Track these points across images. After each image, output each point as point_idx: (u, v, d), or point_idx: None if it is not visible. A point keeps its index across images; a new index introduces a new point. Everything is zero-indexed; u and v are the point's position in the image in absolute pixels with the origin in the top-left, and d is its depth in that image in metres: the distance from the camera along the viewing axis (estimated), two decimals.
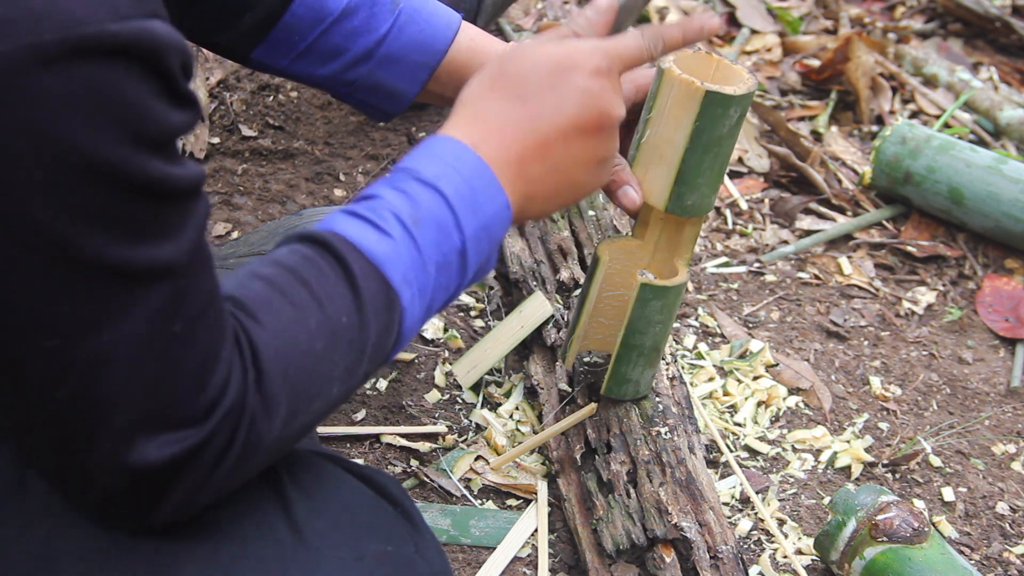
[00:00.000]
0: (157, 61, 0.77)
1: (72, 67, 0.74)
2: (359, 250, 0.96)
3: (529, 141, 1.07)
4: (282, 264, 0.95)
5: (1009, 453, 1.67)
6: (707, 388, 1.69)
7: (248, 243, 1.65)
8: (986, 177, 1.96)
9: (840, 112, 2.33)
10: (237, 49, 1.35)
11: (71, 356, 0.79)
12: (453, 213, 1.01)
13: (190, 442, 0.84)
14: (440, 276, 1.01)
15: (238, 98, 2.05)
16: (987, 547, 1.53)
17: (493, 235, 1.05)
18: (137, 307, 0.80)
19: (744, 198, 2.08)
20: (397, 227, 0.99)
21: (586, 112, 1.09)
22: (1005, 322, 1.88)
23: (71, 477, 0.85)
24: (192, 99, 0.81)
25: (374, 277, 0.96)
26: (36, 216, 0.75)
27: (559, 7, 2.42)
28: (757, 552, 1.49)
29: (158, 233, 0.80)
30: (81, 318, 0.79)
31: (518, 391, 1.63)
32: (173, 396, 0.83)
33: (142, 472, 0.83)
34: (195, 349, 0.84)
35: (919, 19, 2.64)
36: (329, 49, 1.34)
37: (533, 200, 1.09)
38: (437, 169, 1.02)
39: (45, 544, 0.90)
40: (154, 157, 0.78)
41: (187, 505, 0.87)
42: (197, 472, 0.86)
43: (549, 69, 1.08)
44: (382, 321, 0.97)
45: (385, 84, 1.36)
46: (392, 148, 2.02)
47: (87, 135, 0.75)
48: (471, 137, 1.05)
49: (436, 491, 1.51)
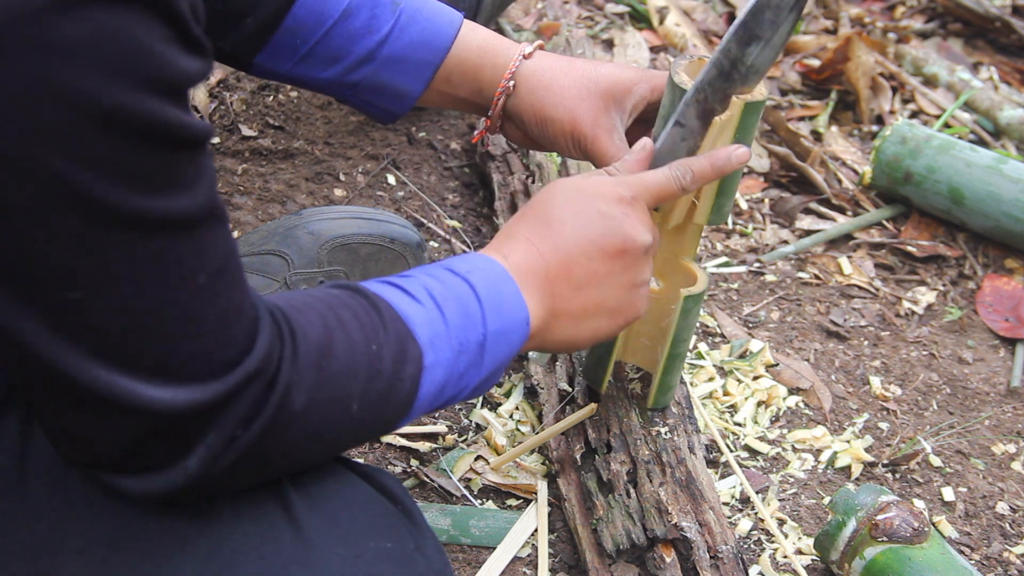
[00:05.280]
0: (169, 6, 0.77)
1: (85, 13, 0.73)
2: (390, 305, 1.00)
3: (552, 259, 1.12)
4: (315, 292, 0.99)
5: (1009, 453, 1.67)
6: (707, 388, 1.69)
7: (248, 243, 1.65)
8: (986, 177, 1.96)
9: (840, 112, 2.33)
10: (239, 55, 1.35)
11: (94, 307, 0.80)
12: (480, 305, 1.05)
13: (213, 393, 0.85)
14: (460, 359, 1.04)
15: (238, 98, 2.05)
16: (987, 547, 1.53)
17: (510, 343, 1.08)
18: (157, 259, 0.81)
19: (744, 198, 2.08)
20: (428, 298, 1.02)
21: (608, 235, 1.14)
22: (1005, 322, 1.88)
23: (92, 434, 0.85)
24: (204, 45, 0.81)
25: (403, 329, 0.99)
26: (54, 166, 0.75)
27: (559, 7, 2.42)
28: (757, 552, 1.49)
29: (175, 184, 0.81)
30: (102, 270, 0.79)
31: (518, 391, 1.63)
32: (198, 348, 0.84)
33: (165, 419, 0.84)
34: (218, 302, 0.85)
35: (919, 19, 2.64)
36: (331, 52, 1.34)
37: (559, 318, 1.14)
38: (468, 266, 1.08)
39: (46, 537, 0.90)
40: (169, 103, 0.78)
41: (209, 465, 0.87)
42: (222, 428, 0.86)
43: (574, 196, 1.15)
44: (406, 370, 0.99)
45: (389, 84, 1.36)
46: (392, 148, 2.02)
47: (102, 82, 0.75)
48: (498, 252, 1.12)
49: (436, 491, 1.51)
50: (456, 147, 2.06)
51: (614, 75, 1.36)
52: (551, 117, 1.35)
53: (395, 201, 1.94)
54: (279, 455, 0.92)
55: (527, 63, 1.37)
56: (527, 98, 1.36)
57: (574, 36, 2.18)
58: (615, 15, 2.49)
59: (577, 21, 2.42)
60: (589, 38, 2.25)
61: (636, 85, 1.35)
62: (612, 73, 1.36)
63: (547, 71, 1.36)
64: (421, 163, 2.01)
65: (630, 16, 2.51)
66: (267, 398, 0.88)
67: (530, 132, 1.39)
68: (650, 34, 2.45)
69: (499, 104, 1.37)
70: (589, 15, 2.48)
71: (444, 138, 2.08)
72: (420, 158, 2.02)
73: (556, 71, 1.36)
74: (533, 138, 1.40)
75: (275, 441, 0.90)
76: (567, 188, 1.16)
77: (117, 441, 0.85)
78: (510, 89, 1.36)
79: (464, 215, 1.94)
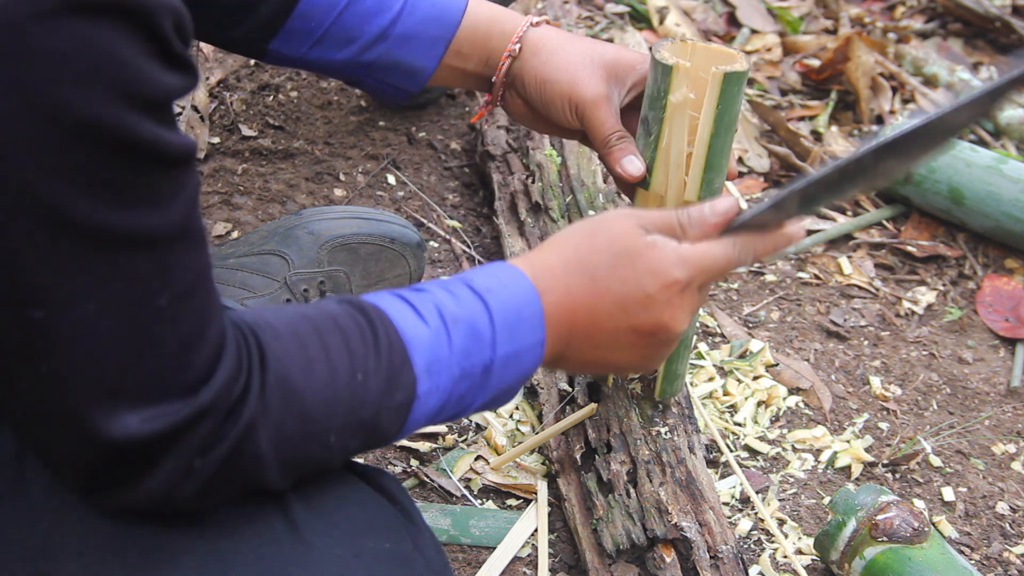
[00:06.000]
0: (150, 21, 0.76)
1: (64, 22, 0.73)
2: (393, 324, 0.97)
3: (582, 315, 1.08)
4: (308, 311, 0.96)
5: (1009, 453, 1.67)
6: (707, 388, 1.69)
7: (248, 243, 1.65)
8: (986, 177, 1.96)
9: (840, 112, 2.32)
10: (254, 42, 1.35)
11: (56, 326, 0.79)
12: (492, 328, 1.03)
13: (172, 419, 0.83)
14: (460, 384, 1.02)
15: (238, 98, 2.05)
16: (987, 547, 1.53)
17: (522, 367, 1.06)
18: (122, 276, 0.80)
19: (744, 198, 2.08)
20: (436, 319, 1.00)
21: (643, 315, 1.10)
22: (1005, 322, 1.88)
23: (56, 450, 0.85)
24: (187, 62, 0.80)
25: (399, 354, 0.97)
26: (24, 176, 0.75)
27: (559, 7, 2.42)
28: (757, 552, 1.49)
29: (146, 200, 0.79)
30: (66, 287, 0.78)
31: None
32: (156, 371, 0.83)
33: (124, 444, 0.83)
34: (179, 326, 0.83)
35: (919, 19, 2.64)
36: (345, 33, 1.35)
37: (564, 360, 1.12)
38: (490, 283, 1.04)
39: (44, 539, 0.90)
40: (145, 118, 0.77)
41: (171, 488, 0.86)
42: (182, 454, 0.85)
43: (627, 262, 1.09)
44: (393, 399, 0.97)
45: (403, 62, 1.37)
46: (392, 148, 2.02)
47: (78, 93, 0.74)
48: (536, 277, 1.07)
49: (436, 491, 1.51)
50: (456, 147, 2.06)
51: (618, 51, 1.38)
52: (552, 79, 1.36)
53: (395, 201, 1.94)
54: (250, 481, 0.91)
55: (534, 30, 1.39)
56: (531, 60, 1.38)
57: None
58: (615, 15, 2.49)
59: (577, 21, 2.42)
60: (589, 38, 2.25)
61: (639, 64, 1.38)
62: (615, 49, 1.38)
63: (553, 39, 1.39)
64: (421, 163, 2.01)
65: (630, 16, 2.51)
66: (225, 430, 0.86)
67: (529, 96, 1.39)
68: (650, 34, 2.45)
69: (504, 68, 1.38)
70: (589, 15, 2.48)
71: (444, 138, 2.08)
72: (420, 158, 2.02)
73: (562, 39, 1.39)
74: (532, 104, 1.41)
75: (241, 471, 0.89)
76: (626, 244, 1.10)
77: (78, 461, 0.84)
78: (516, 52, 1.38)
79: (464, 215, 1.94)
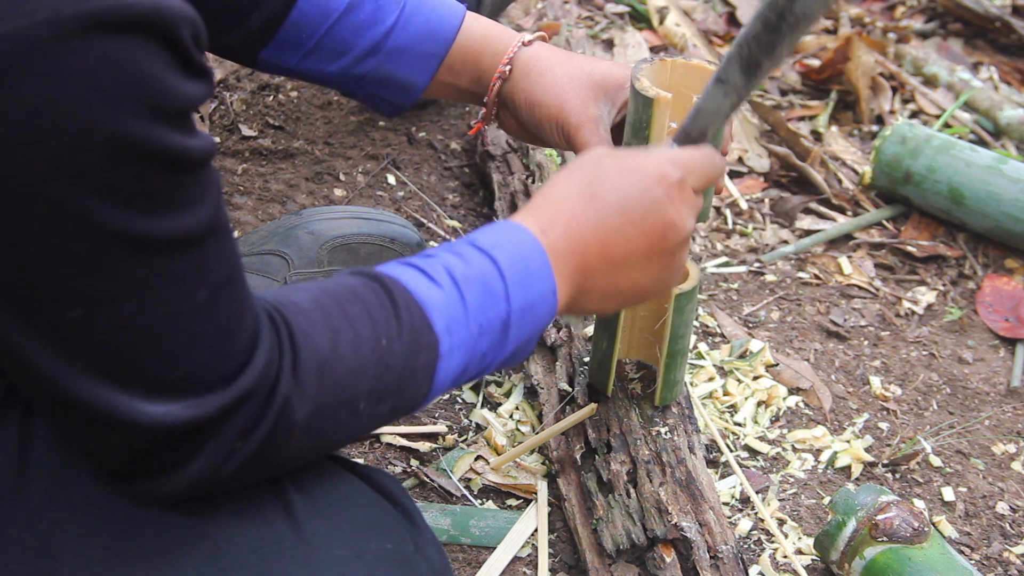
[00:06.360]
0: (171, 33, 0.78)
1: (90, 41, 0.74)
2: (407, 290, 0.98)
3: (591, 239, 1.09)
4: (327, 284, 0.97)
5: (1009, 453, 1.67)
6: (707, 388, 1.69)
7: (248, 243, 1.65)
8: (986, 177, 1.96)
9: (840, 112, 2.33)
10: (245, 50, 1.35)
11: (93, 324, 0.80)
12: (504, 282, 1.03)
13: (216, 405, 0.85)
14: (481, 341, 1.02)
15: (238, 98, 2.05)
16: (987, 547, 1.53)
17: (537, 318, 1.06)
18: (159, 278, 0.81)
19: (744, 198, 2.08)
20: (447, 280, 1.01)
21: (650, 217, 1.10)
22: (1005, 322, 1.88)
23: (93, 440, 0.86)
24: (205, 69, 0.82)
25: (419, 317, 0.98)
26: (58, 191, 0.76)
27: (559, 7, 2.42)
28: (757, 552, 1.49)
29: (178, 204, 0.81)
30: (103, 290, 0.80)
31: (518, 391, 1.63)
32: (196, 363, 0.84)
33: (168, 433, 0.84)
34: (218, 317, 0.85)
35: (919, 19, 2.64)
36: (337, 45, 1.35)
37: (589, 294, 1.12)
38: (494, 240, 1.05)
39: (45, 539, 0.90)
40: (172, 129, 0.79)
41: (214, 472, 0.88)
42: (225, 438, 0.86)
43: (620, 172, 1.11)
44: (418, 361, 0.98)
45: (395, 76, 1.37)
46: (392, 148, 2.02)
47: (107, 109, 0.75)
48: (537, 223, 1.08)
49: (436, 491, 1.51)
50: (456, 147, 2.06)
51: (608, 69, 1.37)
52: (540, 101, 1.36)
53: (395, 201, 1.94)
54: (285, 458, 0.92)
55: (525, 50, 1.38)
56: (521, 82, 1.37)
57: (574, 36, 2.18)
58: (615, 15, 2.49)
59: (577, 21, 2.42)
60: (589, 38, 2.25)
61: (628, 80, 1.36)
62: (607, 67, 1.37)
63: (543, 59, 1.38)
64: (421, 163, 2.01)
65: (630, 16, 2.51)
66: (265, 411, 0.88)
67: (521, 117, 1.40)
68: (650, 34, 2.45)
69: (495, 89, 1.38)
70: (589, 15, 2.48)
71: (444, 138, 2.08)
72: (420, 158, 2.02)
73: (552, 60, 1.38)
74: (523, 124, 1.41)
75: (278, 448, 0.90)
76: (613, 162, 1.12)
77: (117, 452, 0.86)
78: (506, 74, 1.37)
79: (464, 215, 1.94)
